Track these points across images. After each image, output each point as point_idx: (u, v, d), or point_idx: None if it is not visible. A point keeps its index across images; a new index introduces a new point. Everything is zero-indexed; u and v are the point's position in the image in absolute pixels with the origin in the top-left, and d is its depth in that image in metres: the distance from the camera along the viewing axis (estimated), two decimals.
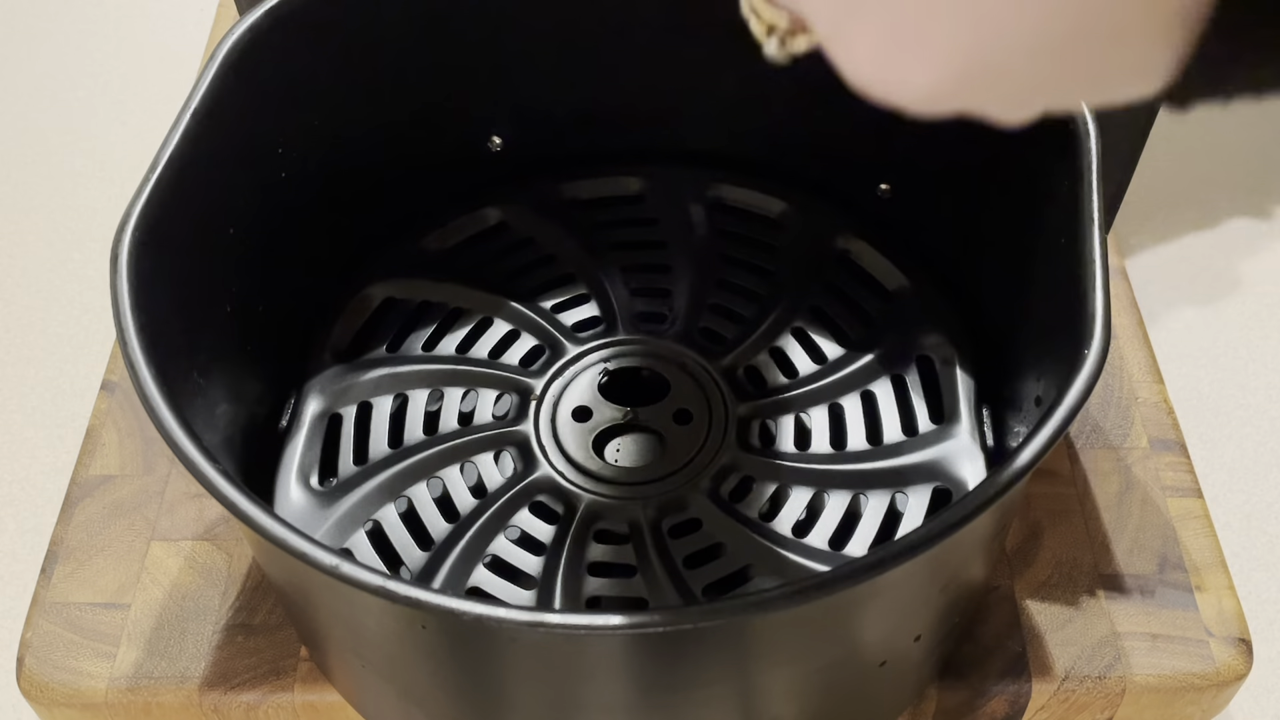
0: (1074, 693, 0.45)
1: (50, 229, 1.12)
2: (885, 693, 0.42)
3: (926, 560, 0.32)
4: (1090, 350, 0.35)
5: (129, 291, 0.36)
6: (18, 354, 1.02)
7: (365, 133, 0.51)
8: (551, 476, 0.47)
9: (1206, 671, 0.45)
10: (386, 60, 0.50)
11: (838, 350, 0.51)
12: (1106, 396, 0.53)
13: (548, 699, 0.36)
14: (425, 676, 0.37)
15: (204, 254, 0.42)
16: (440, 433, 0.48)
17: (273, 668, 0.45)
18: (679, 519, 0.45)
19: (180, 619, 0.46)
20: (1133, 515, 0.49)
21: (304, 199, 0.49)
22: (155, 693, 0.45)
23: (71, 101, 1.24)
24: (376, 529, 0.45)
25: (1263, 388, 0.95)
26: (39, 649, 0.46)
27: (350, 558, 0.31)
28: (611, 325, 0.52)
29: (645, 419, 0.48)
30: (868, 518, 0.45)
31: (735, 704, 0.37)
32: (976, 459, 0.47)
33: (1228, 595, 0.47)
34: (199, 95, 0.42)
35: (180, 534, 0.49)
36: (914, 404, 0.49)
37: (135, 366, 0.35)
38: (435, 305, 0.53)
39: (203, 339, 0.41)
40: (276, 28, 0.45)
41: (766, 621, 0.33)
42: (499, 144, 0.56)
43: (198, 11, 1.31)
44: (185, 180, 0.40)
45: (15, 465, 0.94)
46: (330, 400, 0.49)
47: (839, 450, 0.48)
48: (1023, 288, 0.44)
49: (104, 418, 0.53)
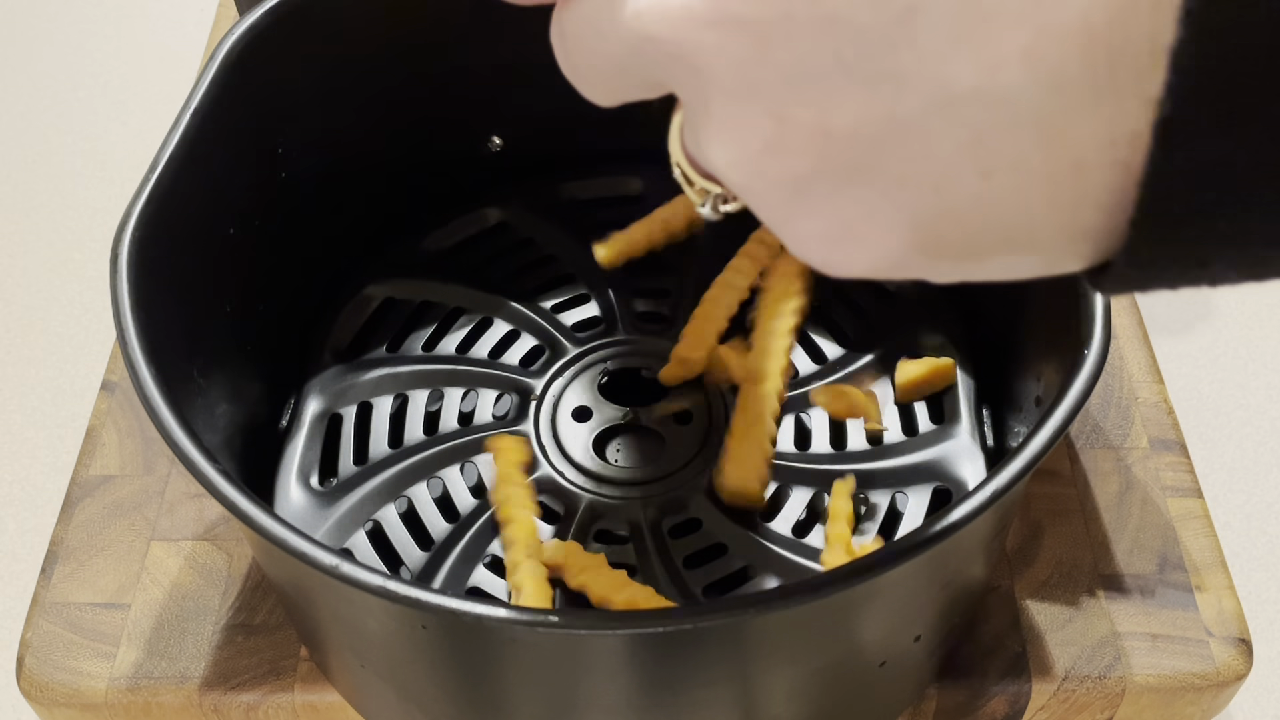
0: (1074, 693, 0.45)
1: (50, 229, 1.12)
2: (885, 693, 0.42)
3: (926, 560, 0.32)
4: (1090, 350, 0.35)
5: (129, 291, 0.36)
6: (18, 354, 1.02)
7: (365, 133, 0.51)
8: (551, 477, 0.47)
9: (1206, 671, 0.45)
10: (386, 60, 0.50)
11: (838, 350, 0.51)
12: (1106, 396, 0.53)
13: (548, 699, 0.36)
14: (425, 677, 0.37)
15: (204, 254, 0.42)
16: (440, 433, 0.49)
17: (273, 668, 0.45)
18: (679, 519, 0.45)
19: (180, 619, 0.46)
20: (1133, 515, 0.49)
21: (304, 199, 0.49)
22: (155, 693, 0.45)
23: (71, 101, 1.24)
24: (376, 529, 0.45)
25: (1263, 388, 0.95)
26: (39, 649, 0.46)
27: (350, 558, 0.31)
28: (611, 325, 0.52)
29: (645, 419, 0.49)
30: (868, 518, 0.45)
31: (735, 704, 0.37)
32: (976, 459, 0.47)
33: (1228, 595, 0.47)
34: (199, 95, 0.42)
35: (180, 534, 0.49)
36: (914, 404, 0.49)
37: (135, 366, 0.35)
38: (435, 305, 0.53)
39: (203, 339, 0.41)
40: (276, 28, 0.45)
41: (766, 621, 0.33)
42: (499, 144, 0.56)
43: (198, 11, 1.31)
44: (185, 180, 0.40)
45: (15, 465, 0.94)
46: (330, 400, 0.50)
47: (839, 450, 0.48)
48: (1023, 288, 0.44)
49: (104, 418, 0.53)
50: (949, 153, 0.18)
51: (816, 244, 0.21)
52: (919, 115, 0.18)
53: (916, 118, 0.18)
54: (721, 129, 0.20)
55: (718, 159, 0.20)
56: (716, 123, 0.20)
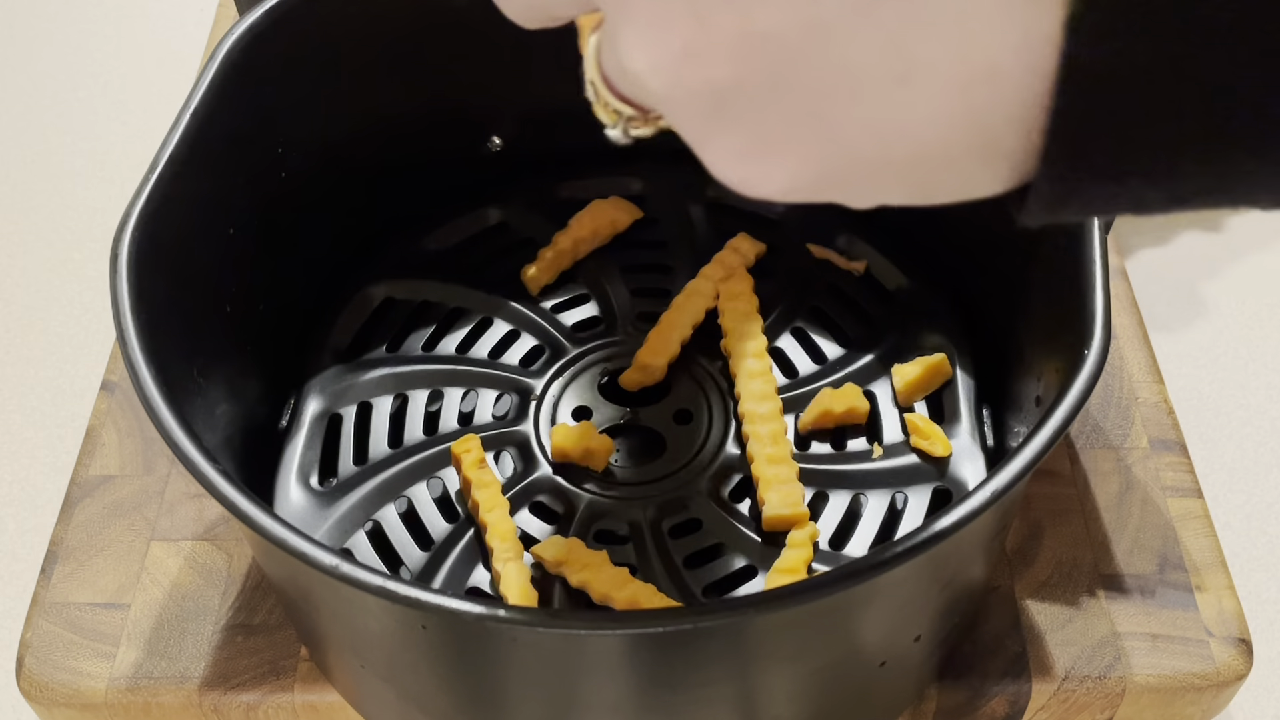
0: (1074, 693, 0.45)
1: (50, 229, 1.12)
2: (885, 693, 0.42)
3: (926, 560, 0.32)
4: (1090, 350, 0.35)
5: (129, 291, 0.36)
6: (18, 354, 1.02)
7: (365, 133, 0.51)
8: (551, 476, 0.47)
9: (1206, 671, 0.45)
10: (386, 60, 0.50)
11: (838, 350, 0.51)
12: (1106, 396, 0.53)
13: (548, 699, 0.36)
14: (425, 677, 0.37)
15: (204, 254, 0.42)
16: (440, 433, 0.49)
17: (273, 668, 0.45)
18: (679, 519, 0.45)
19: (180, 619, 0.46)
20: (1133, 515, 0.49)
21: (304, 199, 0.49)
22: (155, 693, 0.45)
23: (71, 101, 1.24)
24: (376, 529, 0.45)
25: (1263, 388, 0.95)
26: (39, 649, 0.46)
27: (350, 558, 0.31)
28: (611, 325, 0.52)
29: (645, 419, 0.49)
30: (868, 518, 0.45)
31: (735, 704, 0.37)
32: (976, 459, 0.47)
33: (1228, 595, 0.47)
34: (199, 95, 0.42)
35: (180, 534, 0.49)
36: (914, 404, 0.49)
37: (135, 366, 0.35)
38: (435, 305, 0.53)
39: (203, 339, 0.41)
40: (276, 28, 0.45)
41: (766, 621, 0.33)
42: (499, 144, 0.56)
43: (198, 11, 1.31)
44: (185, 180, 0.40)
45: (15, 465, 0.94)
46: (330, 400, 0.50)
47: (839, 450, 0.48)
48: (1023, 288, 0.44)
49: (104, 418, 0.53)
50: (866, 57, 0.18)
51: (734, 160, 0.21)
52: (837, 17, 0.18)
53: (835, 20, 0.18)
54: (643, 30, 0.20)
55: (638, 63, 0.20)
56: (638, 25, 0.20)
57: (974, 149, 0.19)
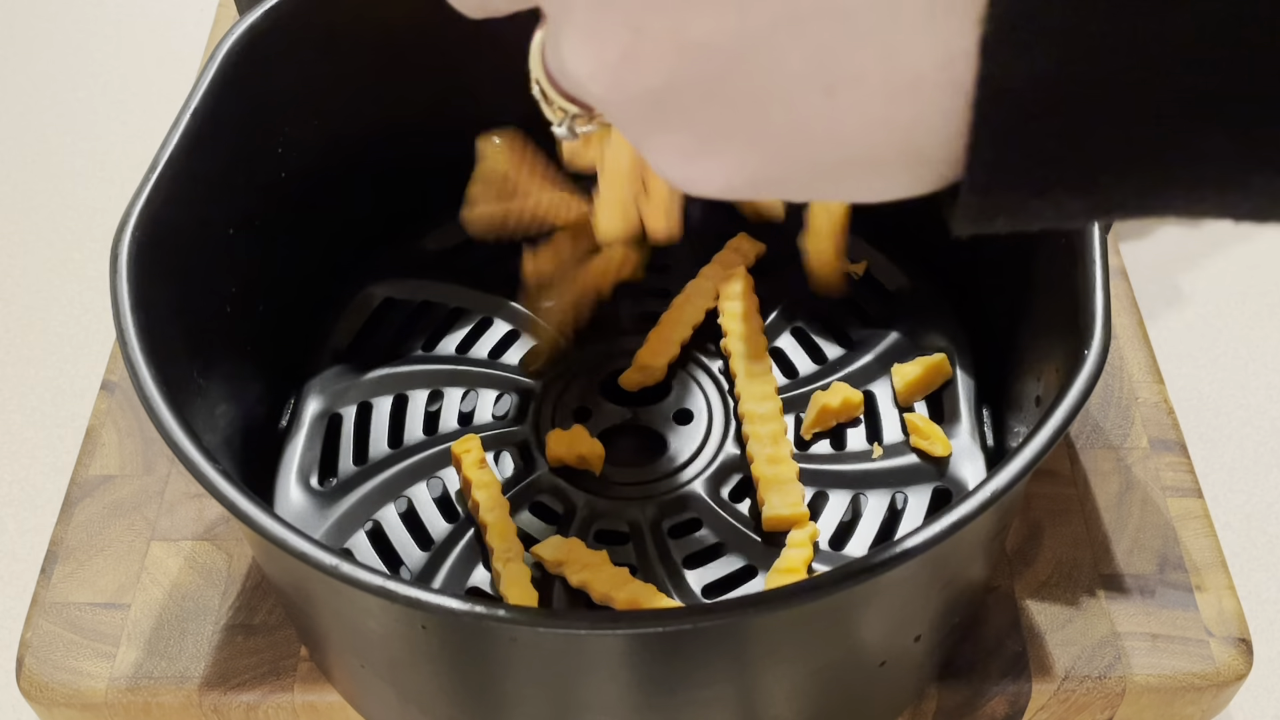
0: (1074, 693, 0.45)
1: (50, 229, 1.12)
2: (885, 693, 0.42)
3: (926, 560, 0.32)
4: (1090, 350, 0.35)
5: (129, 291, 0.36)
6: (18, 354, 1.02)
7: (365, 133, 0.51)
8: (551, 476, 0.47)
9: (1206, 671, 0.45)
10: (386, 61, 0.50)
11: (838, 350, 0.51)
12: (1106, 396, 0.53)
13: (548, 699, 0.36)
14: (425, 677, 0.37)
15: (204, 254, 0.42)
16: (440, 433, 0.49)
17: (273, 668, 0.45)
18: (679, 519, 0.45)
19: (180, 619, 0.46)
20: (1133, 515, 0.49)
21: (304, 199, 0.49)
22: (155, 693, 0.45)
23: (71, 101, 1.24)
24: (376, 529, 0.45)
25: (1263, 388, 0.95)
26: (39, 649, 0.46)
27: (350, 558, 0.31)
28: (611, 326, 0.52)
29: (645, 419, 0.48)
30: (868, 518, 0.45)
31: (735, 704, 0.37)
32: (976, 459, 0.47)
33: (1228, 595, 0.47)
34: (199, 95, 0.42)
35: (180, 534, 0.49)
36: (914, 404, 0.49)
37: (135, 366, 0.35)
38: (435, 305, 0.53)
39: (203, 339, 0.41)
40: (276, 28, 0.45)
41: (766, 621, 0.33)
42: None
43: (198, 11, 1.31)
44: (185, 180, 0.40)
45: (15, 465, 0.94)
46: (330, 400, 0.50)
47: (839, 450, 0.48)
48: (1023, 288, 0.44)
49: (104, 418, 0.53)
50: (795, 68, 0.19)
51: (675, 159, 0.21)
52: (767, 30, 0.19)
53: (765, 32, 0.19)
54: (582, 39, 0.21)
55: (578, 69, 0.21)
56: (577, 33, 0.21)
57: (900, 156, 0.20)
